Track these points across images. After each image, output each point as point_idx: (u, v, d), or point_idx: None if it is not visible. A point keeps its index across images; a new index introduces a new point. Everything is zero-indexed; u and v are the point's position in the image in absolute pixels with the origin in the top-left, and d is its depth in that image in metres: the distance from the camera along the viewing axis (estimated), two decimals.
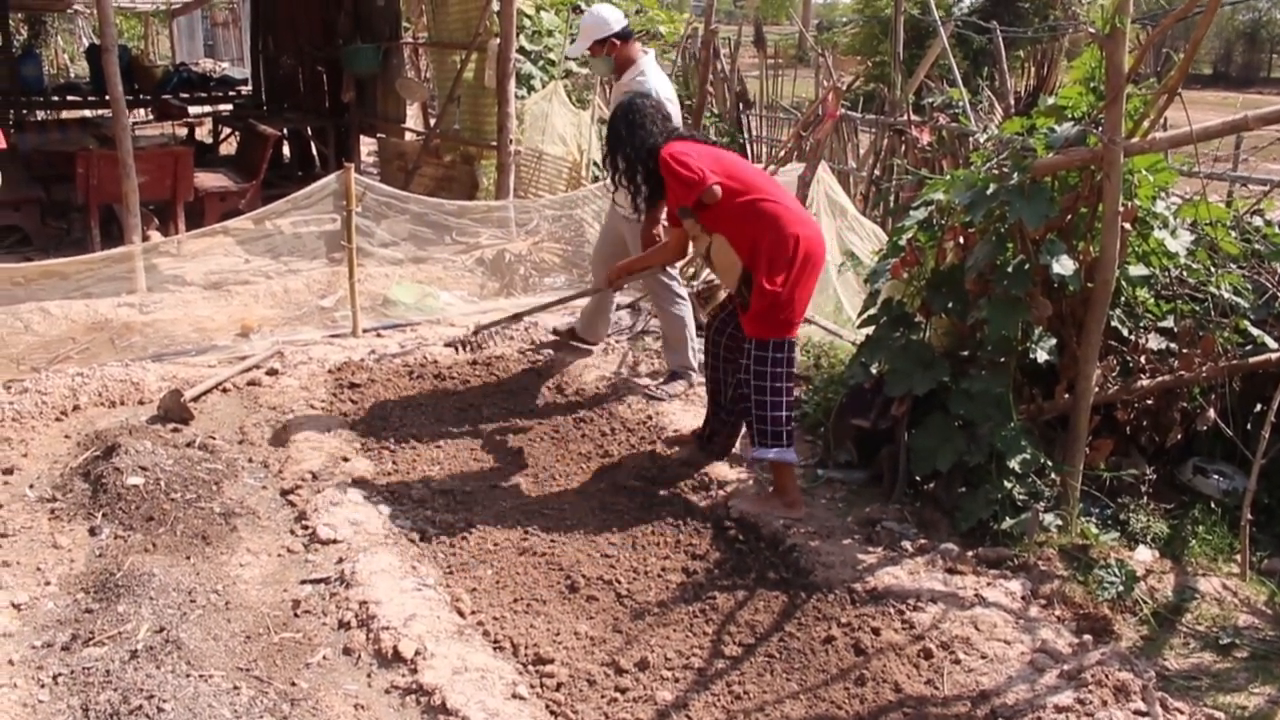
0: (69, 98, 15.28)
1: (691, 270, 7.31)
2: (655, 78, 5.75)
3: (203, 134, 15.17)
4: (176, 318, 7.09)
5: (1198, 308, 4.83)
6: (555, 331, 6.73)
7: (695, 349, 6.07)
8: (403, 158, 10.80)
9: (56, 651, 3.58)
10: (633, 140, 4.84)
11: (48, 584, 4.02)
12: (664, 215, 5.33)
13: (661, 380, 6.23)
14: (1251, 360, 4.64)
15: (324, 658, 3.66)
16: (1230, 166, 8.13)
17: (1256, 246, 5.08)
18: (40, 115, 14.46)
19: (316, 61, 13.10)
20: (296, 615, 3.90)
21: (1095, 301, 4.40)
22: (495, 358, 6.52)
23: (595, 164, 10.10)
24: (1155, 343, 4.84)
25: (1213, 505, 4.63)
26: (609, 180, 5.04)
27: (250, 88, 16.09)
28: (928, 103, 9.73)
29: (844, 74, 15.33)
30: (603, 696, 3.52)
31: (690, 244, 5.03)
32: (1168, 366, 4.76)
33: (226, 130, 14.15)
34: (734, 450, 5.30)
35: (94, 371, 5.95)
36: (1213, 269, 4.88)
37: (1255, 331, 4.73)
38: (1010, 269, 4.49)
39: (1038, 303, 4.48)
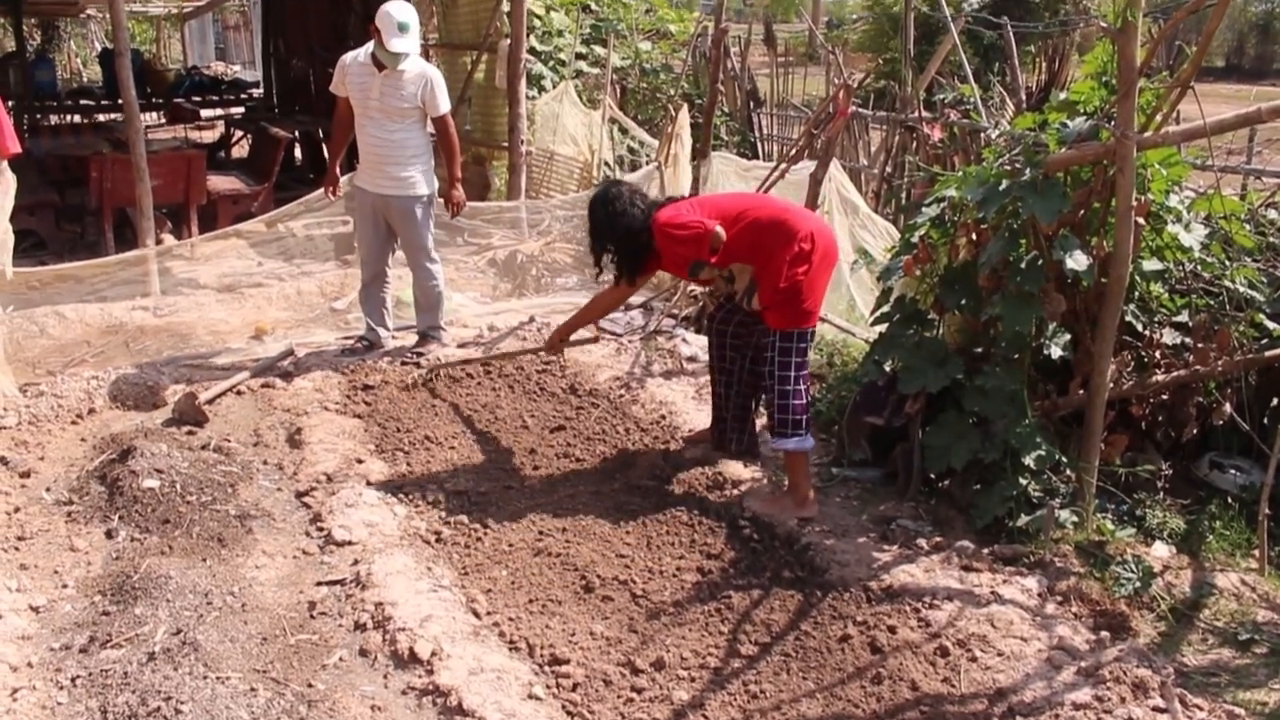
0: (82, 102, 15.38)
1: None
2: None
3: (214, 137, 15.22)
4: (190, 321, 7.12)
5: (1212, 302, 4.81)
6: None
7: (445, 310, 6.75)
8: None
9: (74, 654, 3.60)
10: (616, 227, 4.84)
11: (65, 586, 4.04)
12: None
13: (415, 344, 6.66)
14: (1267, 354, 4.62)
15: (340, 659, 3.67)
16: (1244, 159, 8.08)
17: (1271, 240, 5.06)
18: (54, 119, 14.54)
19: (327, 64, 13.08)
20: (313, 617, 3.91)
21: (1109, 297, 4.39)
22: (509, 360, 6.52)
23: (606, 164, 10.10)
24: (1170, 337, 4.82)
25: (1230, 500, 4.61)
26: (596, 266, 5.08)
27: (262, 90, 16.16)
28: (939, 99, 9.71)
29: (854, 71, 15.31)
30: (619, 696, 3.52)
31: (629, 295, 5.30)
32: (1183, 361, 4.74)
33: (238, 133, 14.20)
34: (753, 449, 5.29)
35: (109, 375, 5.98)
36: (1227, 263, 4.85)
37: (1271, 325, 4.71)
38: (1023, 265, 4.48)
39: (1051, 298, 4.47)
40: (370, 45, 6.19)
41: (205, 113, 15.36)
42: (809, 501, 4.71)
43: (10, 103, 12.73)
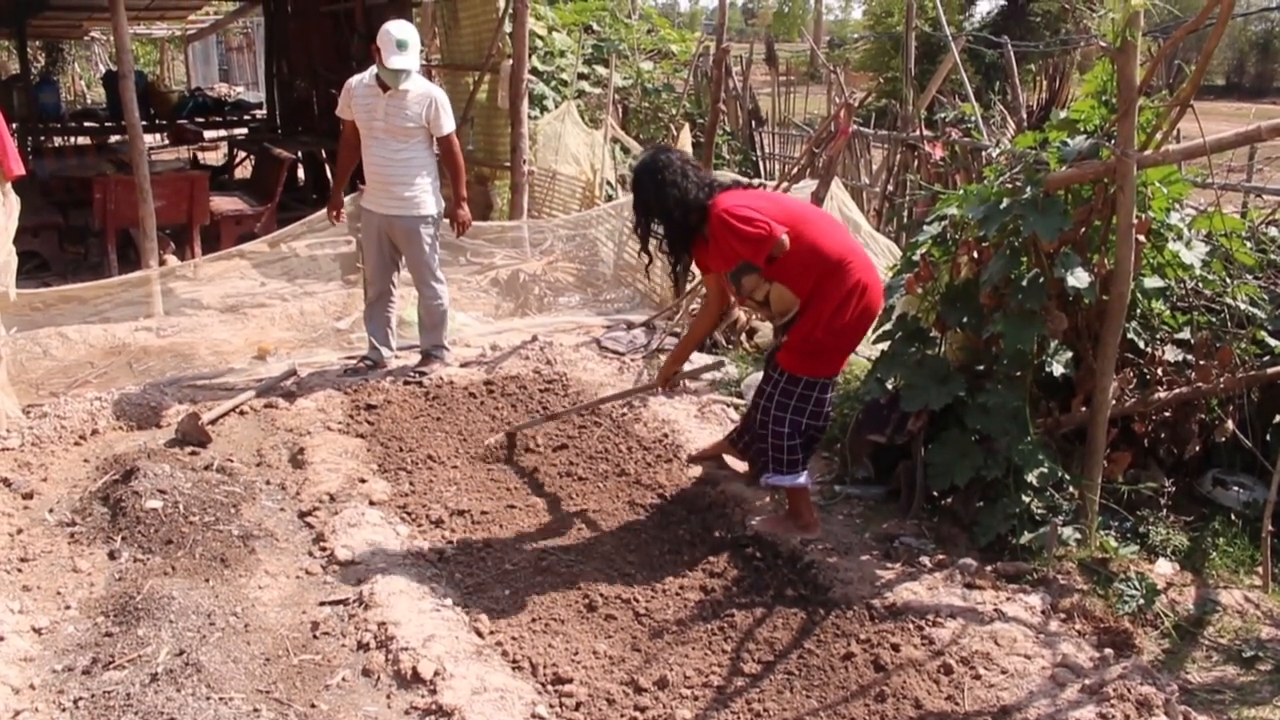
0: (86, 124, 15.45)
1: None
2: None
3: (218, 158, 15.29)
4: (193, 341, 7.13)
5: (1214, 319, 4.81)
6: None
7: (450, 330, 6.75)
8: None
9: (77, 675, 3.60)
10: (665, 199, 4.39)
11: (68, 608, 4.04)
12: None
13: (418, 364, 6.66)
14: (1269, 371, 4.62)
15: (343, 679, 3.66)
16: (1244, 177, 8.10)
17: (1272, 257, 5.07)
18: (58, 141, 14.62)
19: (330, 85, 13.18)
20: (315, 637, 3.91)
21: (1111, 314, 4.39)
22: (510, 378, 6.53)
23: (608, 183, 10.13)
24: (1172, 354, 4.83)
25: (1233, 517, 4.60)
26: (639, 251, 4.69)
27: (265, 112, 16.22)
28: (940, 118, 9.74)
29: (856, 90, 15.36)
30: (622, 716, 3.51)
31: (731, 296, 4.77)
32: (1185, 378, 4.75)
33: (241, 154, 14.25)
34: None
35: (112, 395, 5.99)
36: (1228, 280, 4.86)
37: (1272, 342, 4.72)
38: (1025, 283, 4.49)
39: (1053, 316, 4.48)
40: (374, 68, 6.23)
41: (208, 134, 15.44)
42: (811, 524, 4.68)
43: (14, 125, 12.80)
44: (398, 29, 6.06)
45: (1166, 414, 4.84)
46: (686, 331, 5.20)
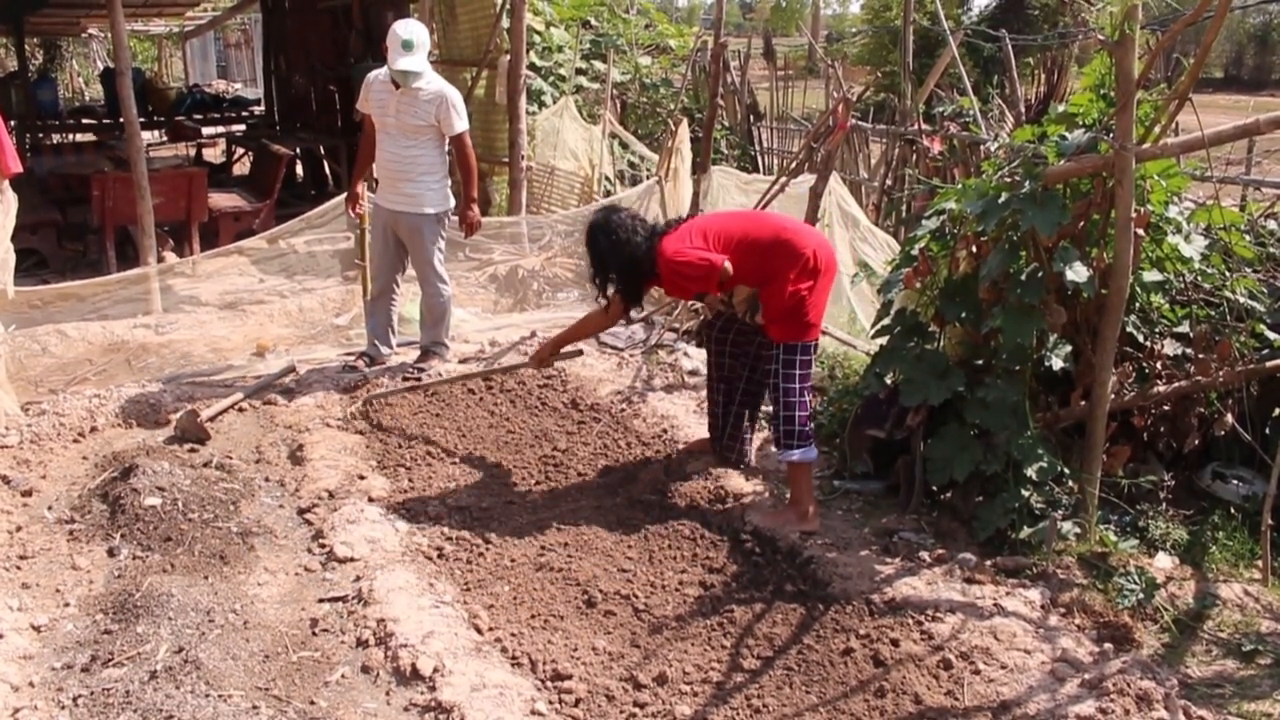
0: (84, 121, 15.43)
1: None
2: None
3: (216, 154, 15.27)
4: (192, 338, 7.13)
5: (1213, 312, 4.81)
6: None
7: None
8: None
9: (76, 673, 3.60)
10: (620, 256, 4.78)
11: (67, 605, 4.04)
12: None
13: (417, 359, 6.70)
14: (1268, 364, 4.62)
15: (342, 676, 3.66)
16: (1243, 170, 8.10)
17: (1271, 250, 5.06)
18: (56, 138, 14.61)
19: (328, 81, 13.19)
20: (315, 634, 3.90)
21: (1110, 308, 4.39)
22: (510, 373, 6.52)
23: (607, 178, 10.13)
24: (1171, 348, 4.83)
25: (1232, 511, 4.60)
26: (601, 295, 5.01)
27: (263, 108, 16.22)
28: (938, 112, 9.74)
29: (854, 84, 15.35)
30: (621, 712, 3.51)
31: (618, 320, 5.22)
32: (1184, 372, 4.74)
33: (240, 150, 14.24)
34: (750, 460, 5.31)
35: (111, 393, 5.98)
36: (1227, 273, 4.86)
37: (1272, 335, 4.71)
38: (1024, 277, 4.49)
39: (1052, 310, 4.47)
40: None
41: (207, 130, 15.42)
42: (811, 515, 4.69)
43: (12, 122, 12.79)
44: (405, 29, 6.04)
45: (1166, 408, 4.84)
46: (576, 324, 5.41)
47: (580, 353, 6.04)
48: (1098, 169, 4.42)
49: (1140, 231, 4.50)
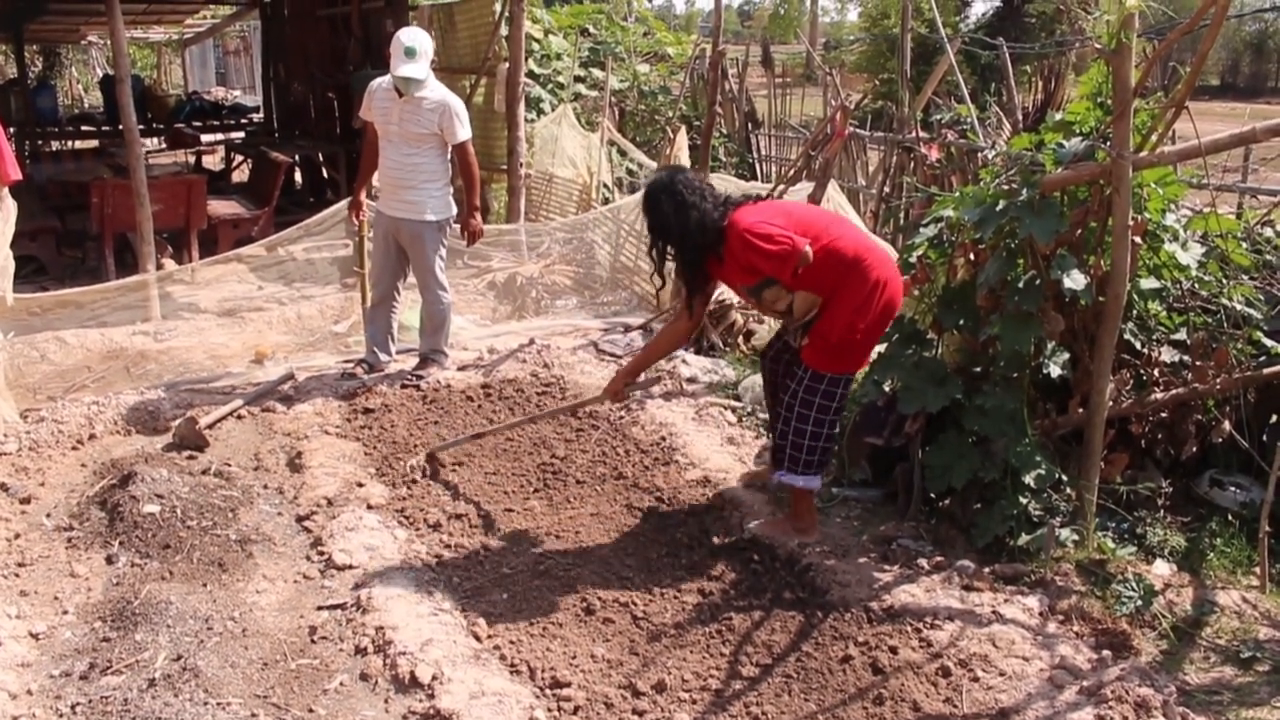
0: (83, 128, 15.44)
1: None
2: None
3: (215, 162, 15.27)
4: (191, 345, 7.13)
5: (1210, 320, 4.82)
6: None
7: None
8: None
9: (74, 680, 3.59)
10: (685, 222, 4.30)
11: (65, 613, 4.04)
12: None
13: (416, 367, 6.67)
14: (1265, 371, 4.62)
15: (341, 684, 3.66)
16: (1240, 178, 8.12)
17: (1268, 257, 5.07)
18: (55, 145, 14.60)
19: (327, 88, 13.21)
20: (313, 641, 3.90)
21: (1107, 315, 4.40)
22: (507, 381, 6.53)
23: (605, 186, 10.14)
24: (1168, 355, 4.83)
25: (1230, 518, 4.60)
26: (652, 275, 4.63)
27: (262, 115, 16.22)
28: (936, 119, 9.75)
29: (852, 92, 15.37)
30: (620, 719, 3.51)
31: (693, 329, 4.86)
32: (1181, 379, 4.75)
33: (239, 158, 14.25)
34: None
35: (110, 400, 5.98)
36: (1224, 281, 4.87)
37: (1269, 343, 4.72)
38: (1021, 284, 4.49)
39: (1050, 318, 4.48)
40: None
41: (206, 138, 15.44)
42: (810, 528, 4.66)
43: (11, 129, 12.79)
44: (408, 36, 6.06)
45: (1163, 415, 4.84)
46: (648, 345, 5.09)
47: (659, 380, 5.74)
48: (1095, 177, 4.43)
49: (1137, 239, 4.51)
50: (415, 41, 6.04)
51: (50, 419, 5.70)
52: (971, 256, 4.93)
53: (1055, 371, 4.60)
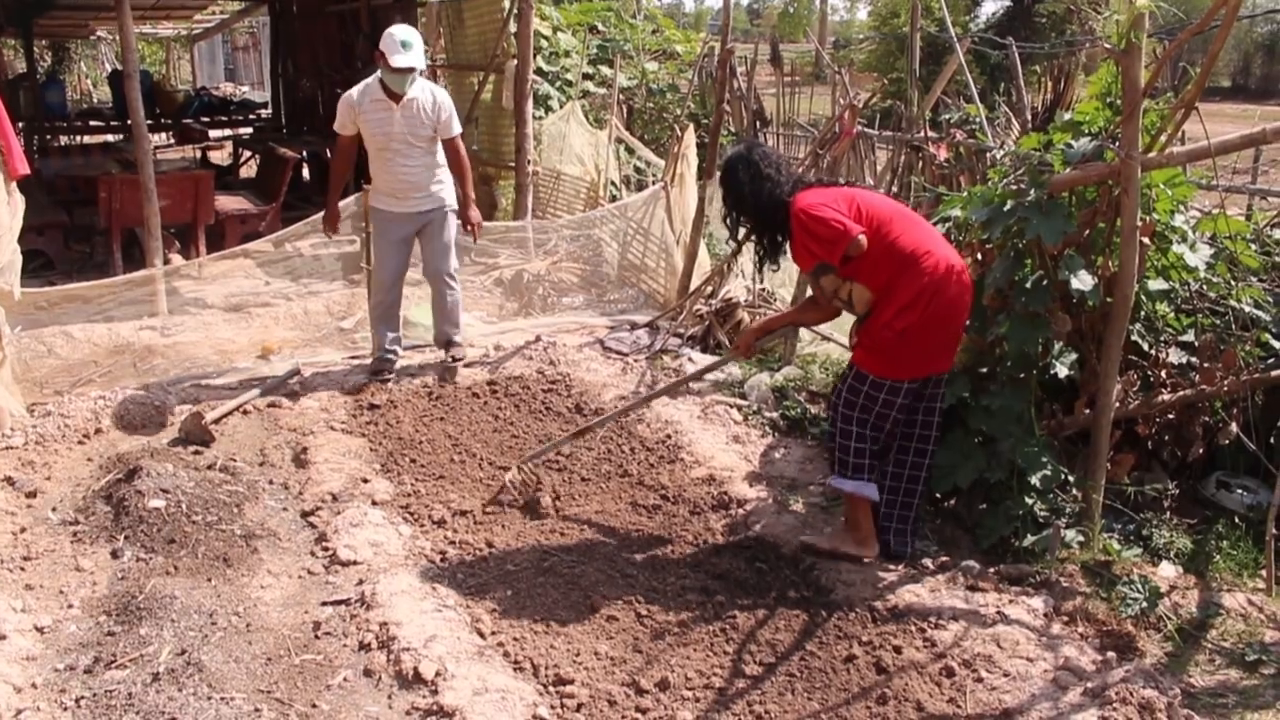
0: (91, 123, 15.49)
1: (710, 288, 7.31)
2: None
3: (223, 157, 15.30)
4: (197, 340, 7.14)
5: (1218, 321, 4.80)
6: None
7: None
8: None
9: (79, 674, 3.60)
10: (759, 194, 4.29)
11: (70, 607, 4.04)
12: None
13: (449, 351, 6.74)
14: (1273, 374, 4.61)
15: (345, 679, 3.66)
16: (1249, 179, 8.11)
17: (1276, 259, 5.06)
18: (63, 140, 14.65)
19: (336, 84, 13.19)
20: (317, 637, 3.91)
21: (1115, 316, 4.39)
22: (513, 378, 6.53)
23: (613, 183, 10.13)
24: (1176, 357, 4.82)
25: (1236, 520, 4.59)
26: (727, 240, 4.65)
27: (270, 111, 16.25)
28: (945, 119, 9.74)
29: (860, 91, 15.35)
30: (623, 717, 3.51)
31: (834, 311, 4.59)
32: (1189, 381, 4.74)
33: (246, 153, 14.26)
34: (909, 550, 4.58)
35: (116, 395, 5.99)
36: (1233, 282, 4.85)
37: (1277, 344, 4.71)
38: (1029, 285, 4.48)
39: (1057, 318, 4.47)
40: (370, 81, 6.24)
41: (214, 133, 15.46)
42: (868, 539, 4.43)
43: (20, 124, 12.83)
44: (401, 31, 6.09)
45: (1170, 416, 4.83)
46: (795, 309, 5.06)
47: (794, 329, 5.57)
48: (1104, 177, 4.42)
49: (1146, 240, 4.51)
50: (408, 35, 6.08)
51: (57, 413, 5.71)
52: (979, 256, 4.92)
53: (1062, 372, 4.58)
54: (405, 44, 6.01)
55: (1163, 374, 4.80)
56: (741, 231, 4.62)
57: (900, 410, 4.32)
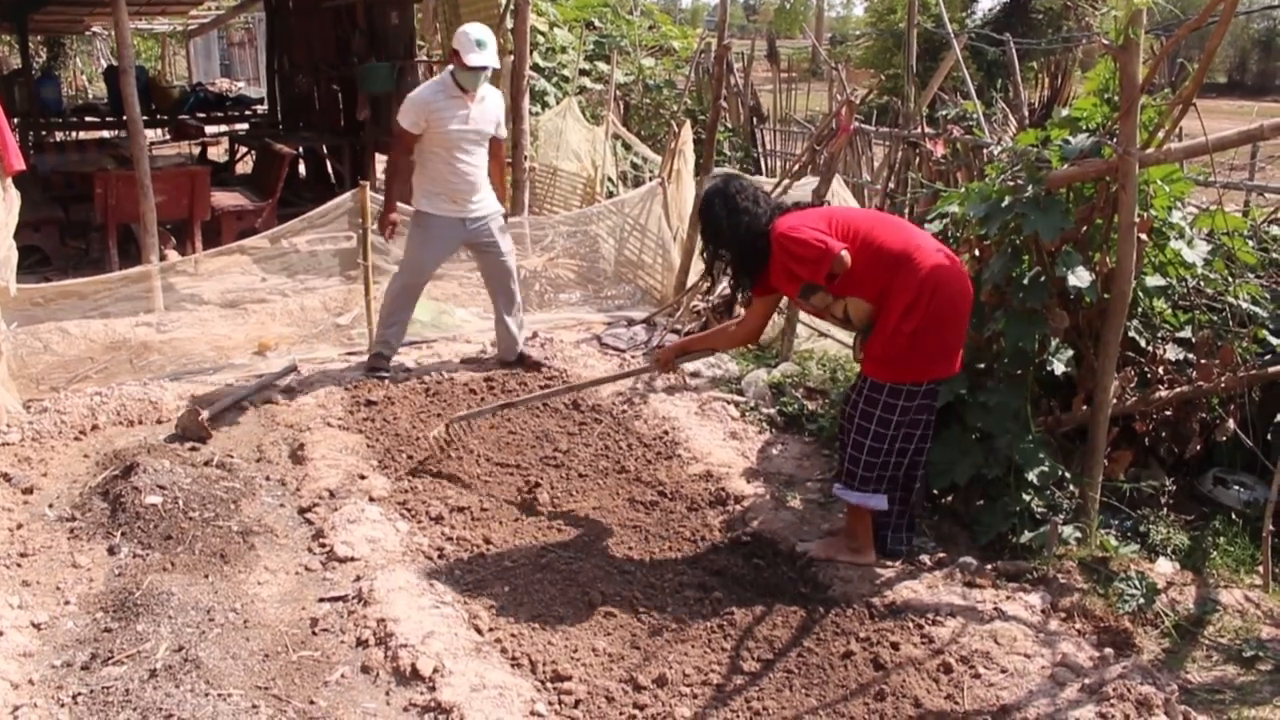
0: (87, 119, 15.44)
1: (707, 284, 7.31)
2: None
3: (219, 153, 15.27)
4: (194, 336, 7.13)
5: (1215, 318, 4.81)
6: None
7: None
8: None
9: (76, 671, 3.60)
10: (737, 228, 4.30)
11: (67, 603, 4.04)
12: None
13: (527, 367, 6.69)
14: (1271, 370, 4.62)
15: (342, 676, 3.66)
16: (1246, 176, 8.10)
17: (1274, 255, 5.06)
18: (59, 136, 14.60)
19: (332, 80, 13.19)
20: (315, 633, 3.90)
21: (1112, 313, 4.39)
22: (510, 374, 6.52)
23: (609, 179, 10.12)
24: (1173, 353, 4.82)
25: (1233, 516, 4.60)
26: (708, 275, 4.67)
27: (266, 107, 16.21)
28: (942, 115, 9.73)
29: (857, 87, 15.35)
30: (621, 713, 3.51)
31: (754, 337, 4.72)
32: (1186, 377, 4.74)
33: (243, 149, 14.24)
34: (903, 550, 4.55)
35: (112, 391, 5.98)
36: (1230, 279, 4.86)
37: (1274, 341, 4.72)
38: (1026, 281, 4.49)
39: (1054, 315, 4.47)
40: (438, 81, 6.27)
41: (210, 129, 15.42)
42: (866, 548, 4.41)
43: (16, 120, 12.79)
44: (475, 30, 6.12)
45: (1167, 413, 4.83)
46: (710, 332, 5.07)
47: (712, 352, 5.60)
48: (1101, 173, 4.42)
49: (1143, 236, 4.51)
50: (483, 34, 6.10)
51: (53, 409, 5.71)
52: (976, 253, 4.92)
53: (1059, 368, 4.59)
54: (480, 43, 6.02)
55: (1160, 370, 4.80)
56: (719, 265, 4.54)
57: (922, 412, 4.26)
